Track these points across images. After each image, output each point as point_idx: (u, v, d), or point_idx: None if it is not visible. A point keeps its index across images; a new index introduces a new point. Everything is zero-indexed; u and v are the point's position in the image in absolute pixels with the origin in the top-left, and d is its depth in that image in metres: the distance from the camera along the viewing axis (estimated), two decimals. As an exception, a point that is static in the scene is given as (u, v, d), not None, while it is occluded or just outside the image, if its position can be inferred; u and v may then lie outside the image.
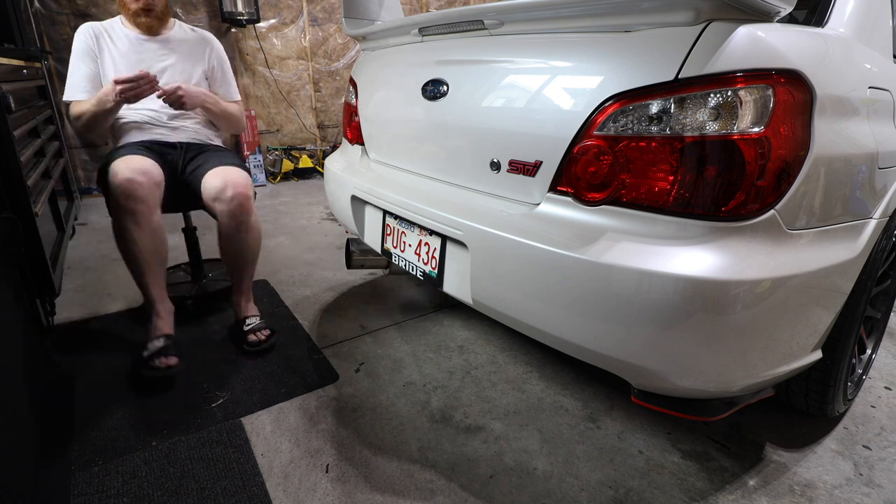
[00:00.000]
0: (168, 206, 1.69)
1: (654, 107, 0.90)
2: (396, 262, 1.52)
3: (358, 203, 1.64)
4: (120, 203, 1.47)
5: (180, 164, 1.77)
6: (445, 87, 1.28)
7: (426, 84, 1.33)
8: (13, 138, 1.46)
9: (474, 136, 1.21)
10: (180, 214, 2.00)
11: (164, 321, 1.61)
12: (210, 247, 2.36)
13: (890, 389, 1.53)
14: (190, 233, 2.09)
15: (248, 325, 1.74)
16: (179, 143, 1.80)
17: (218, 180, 1.62)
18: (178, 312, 1.71)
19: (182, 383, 1.53)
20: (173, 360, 1.51)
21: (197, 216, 2.05)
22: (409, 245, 1.43)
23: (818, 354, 1.13)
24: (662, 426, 1.37)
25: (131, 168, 1.49)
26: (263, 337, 1.71)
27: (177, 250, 2.45)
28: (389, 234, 1.52)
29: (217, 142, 1.94)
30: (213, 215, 1.70)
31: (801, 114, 0.89)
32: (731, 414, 1.04)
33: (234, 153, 1.89)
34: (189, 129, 1.84)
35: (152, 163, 1.57)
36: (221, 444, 1.28)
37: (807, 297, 0.98)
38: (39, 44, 3.33)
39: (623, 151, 0.95)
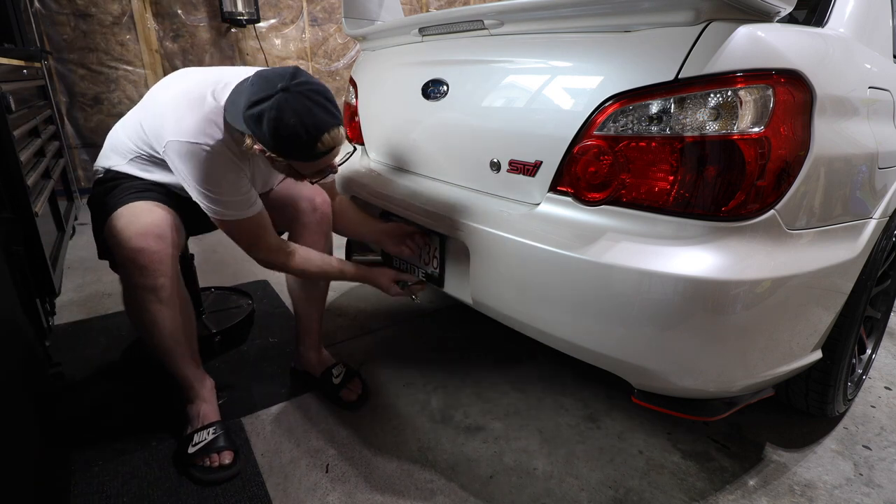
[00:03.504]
0: (190, 229, 1.33)
1: (654, 107, 0.90)
2: (396, 263, 1.52)
3: (358, 203, 1.63)
4: (134, 281, 1.12)
5: None
6: (445, 88, 1.28)
7: (426, 84, 1.33)
8: (13, 138, 1.46)
9: (474, 136, 1.21)
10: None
11: (209, 404, 1.29)
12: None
13: (890, 389, 1.53)
14: (187, 262, 1.69)
15: (336, 376, 1.45)
16: None
17: (305, 191, 1.36)
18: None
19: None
20: (227, 458, 1.19)
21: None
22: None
23: (818, 354, 1.13)
24: (662, 426, 1.37)
25: (142, 231, 1.11)
26: (360, 391, 1.45)
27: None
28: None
29: None
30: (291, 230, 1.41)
31: (801, 114, 0.89)
32: (731, 414, 1.04)
33: None
34: None
35: (164, 214, 1.17)
36: (221, 444, 1.28)
37: (807, 297, 0.98)
38: (39, 44, 3.32)
39: (623, 151, 0.95)
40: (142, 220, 1.13)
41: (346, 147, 1.22)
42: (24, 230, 1.44)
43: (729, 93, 0.85)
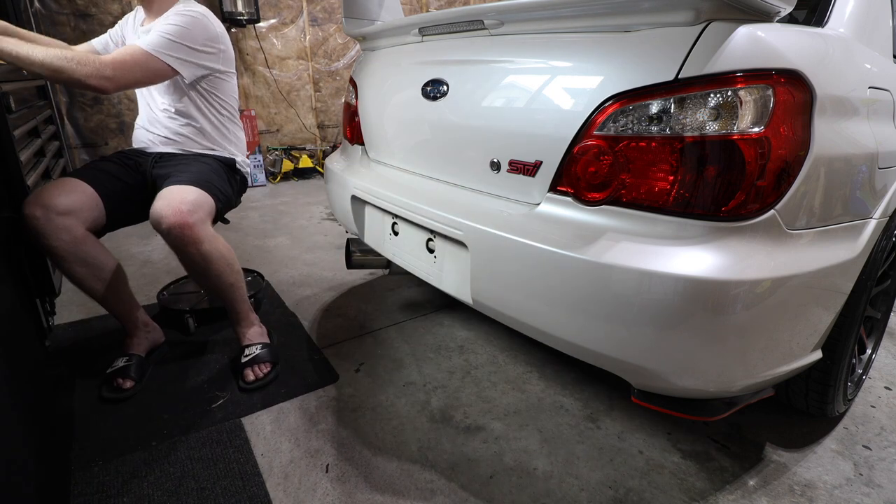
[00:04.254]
0: (139, 218, 1.57)
1: (654, 107, 0.90)
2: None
3: (358, 203, 1.63)
4: (37, 243, 1.33)
5: (148, 176, 1.59)
6: (445, 87, 1.28)
7: (426, 84, 1.33)
8: (13, 138, 1.46)
9: (474, 136, 1.21)
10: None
11: (133, 340, 1.59)
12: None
13: (890, 389, 1.53)
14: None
15: (246, 356, 1.56)
16: (154, 152, 1.63)
17: (159, 205, 1.36)
18: (179, 325, 1.74)
19: (182, 383, 1.53)
20: (128, 384, 1.48)
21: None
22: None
23: (818, 354, 1.13)
24: (662, 426, 1.37)
25: (43, 199, 1.33)
26: (261, 374, 1.53)
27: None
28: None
29: (200, 148, 1.66)
30: None
31: (801, 114, 0.89)
32: (731, 414, 1.04)
33: (210, 163, 1.62)
34: (161, 135, 1.63)
35: (74, 188, 1.40)
36: (221, 444, 1.28)
37: (807, 297, 0.98)
38: (39, 44, 3.32)
39: (623, 151, 0.95)
40: (49, 190, 1.37)
41: None
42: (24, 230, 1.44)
43: (729, 93, 0.85)
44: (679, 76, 0.87)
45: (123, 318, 1.58)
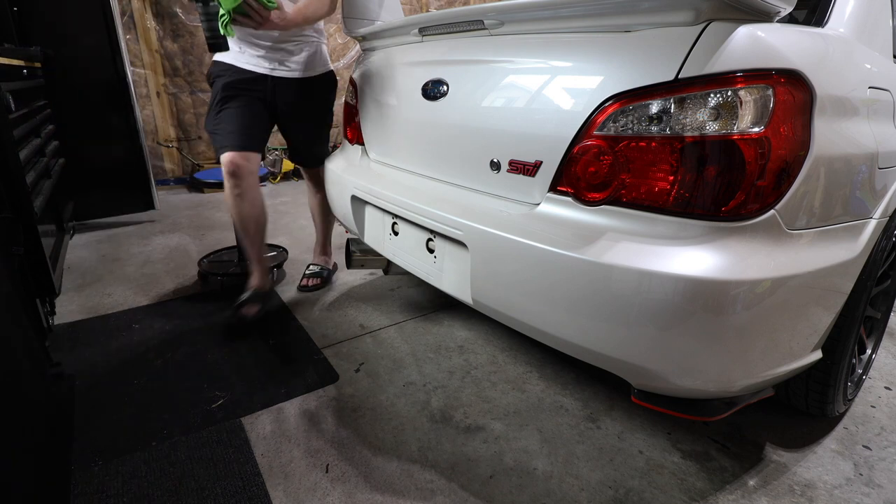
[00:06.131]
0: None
1: (654, 107, 0.90)
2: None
3: (358, 203, 1.63)
4: (224, 173, 1.73)
5: (276, 105, 1.87)
6: (445, 87, 1.28)
7: (426, 84, 1.33)
8: (13, 138, 1.46)
9: (474, 136, 1.21)
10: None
11: (256, 276, 1.91)
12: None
13: (890, 389, 1.53)
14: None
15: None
16: (267, 75, 1.82)
17: None
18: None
19: (182, 383, 1.53)
20: (253, 310, 1.84)
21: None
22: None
23: (818, 354, 1.13)
24: (662, 426, 1.37)
25: (232, 156, 1.73)
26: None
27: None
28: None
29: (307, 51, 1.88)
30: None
31: (801, 114, 0.89)
32: (731, 414, 1.04)
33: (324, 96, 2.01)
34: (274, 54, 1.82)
35: (251, 151, 1.77)
36: (221, 445, 1.28)
37: (807, 297, 0.98)
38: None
39: (623, 151, 0.95)
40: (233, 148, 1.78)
41: None
42: (24, 230, 1.44)
43: (729, 93, 0.85)
44: (679, 76, 0.87)
45: (255, 258, 1.91)
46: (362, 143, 1.71)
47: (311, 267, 2.27)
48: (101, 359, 1.66)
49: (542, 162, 1.06)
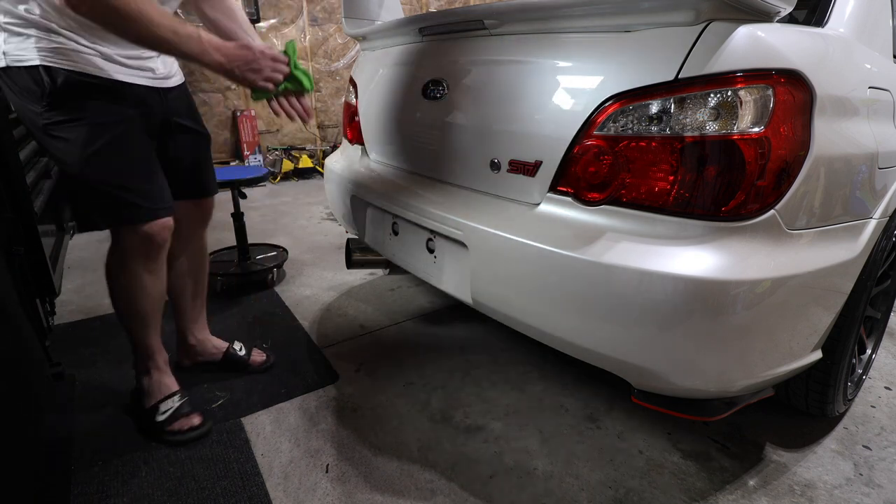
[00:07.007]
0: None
1: (655, 107, 0.90)
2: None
3: (358, 203, 1.63)
4: (142, 251, 1.21)
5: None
6: (445, 87, 1.28)
7: (426, 84, 1.33)
8: (13, 138, 1.46)
9: (474, 135, 1.21)
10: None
11: (167, 375, 1.37)
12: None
13: (890, 389, 1.53)
14: (238, 217, 2.27)
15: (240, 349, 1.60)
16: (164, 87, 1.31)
17: None
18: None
19: (182, 383, 1.53)
20: (196, 419, 1.31)
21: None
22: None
23: (818, 354, 1.13)
24: (662, 426, 1.37)
25: (168, 222, 1.22)
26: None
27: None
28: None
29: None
30: None
31: (801, 114, 0.89)
32: (731, 414, 1.04)
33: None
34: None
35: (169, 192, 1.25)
36: (221, 444, 1.28)
37: (807, 298, 0.98)
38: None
39: (623, 151, 0.95)
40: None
41: None
42: (24, 230, 1.44)
43: (729, 93, 0.85)
44: (679, 76, 0.87)
45: (158, 349, 1.37)
46: (362, 143, 1.71)
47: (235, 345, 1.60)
48: (101, 359, 1.66)
49: (542, 162, 1.06)
